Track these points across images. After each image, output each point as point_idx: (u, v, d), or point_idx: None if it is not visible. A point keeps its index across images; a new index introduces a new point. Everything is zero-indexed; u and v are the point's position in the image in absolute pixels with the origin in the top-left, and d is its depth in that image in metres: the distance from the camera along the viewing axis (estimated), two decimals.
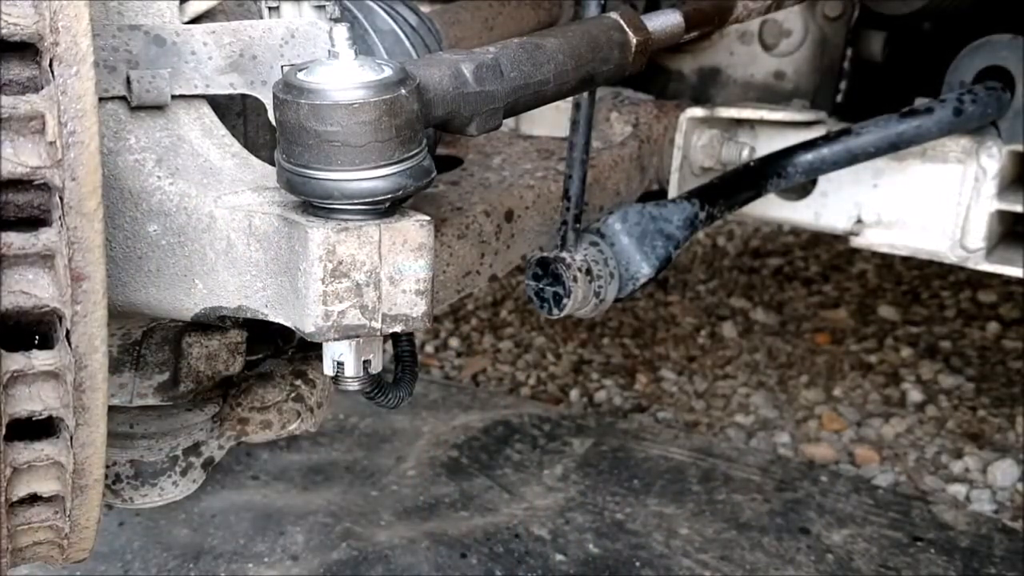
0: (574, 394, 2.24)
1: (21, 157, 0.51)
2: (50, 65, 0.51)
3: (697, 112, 1.36)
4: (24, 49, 0.52)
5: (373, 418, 2.05)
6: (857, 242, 1.44)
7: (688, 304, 2.64)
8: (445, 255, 1.08)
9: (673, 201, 1.14)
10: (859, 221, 1.44)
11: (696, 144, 1.36)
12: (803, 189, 1.44)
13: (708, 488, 1.82)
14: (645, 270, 1.09)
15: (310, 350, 1.00)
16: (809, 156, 1.26)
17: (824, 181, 1.42)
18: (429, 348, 2.48)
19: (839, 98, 1.57)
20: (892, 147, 1.27)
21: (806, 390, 2.22)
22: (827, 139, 1.27)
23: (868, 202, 1.43)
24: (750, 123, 1.42)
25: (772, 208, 1.45)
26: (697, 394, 2.23)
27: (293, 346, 1.00)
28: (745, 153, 1.36)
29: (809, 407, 2.15)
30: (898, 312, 2.56)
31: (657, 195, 1.38)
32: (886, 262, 2.83)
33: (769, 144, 1.37)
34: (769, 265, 2.89)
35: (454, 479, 1.84)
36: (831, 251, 2.95)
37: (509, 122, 1.60)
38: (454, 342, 2.50)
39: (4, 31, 0.51)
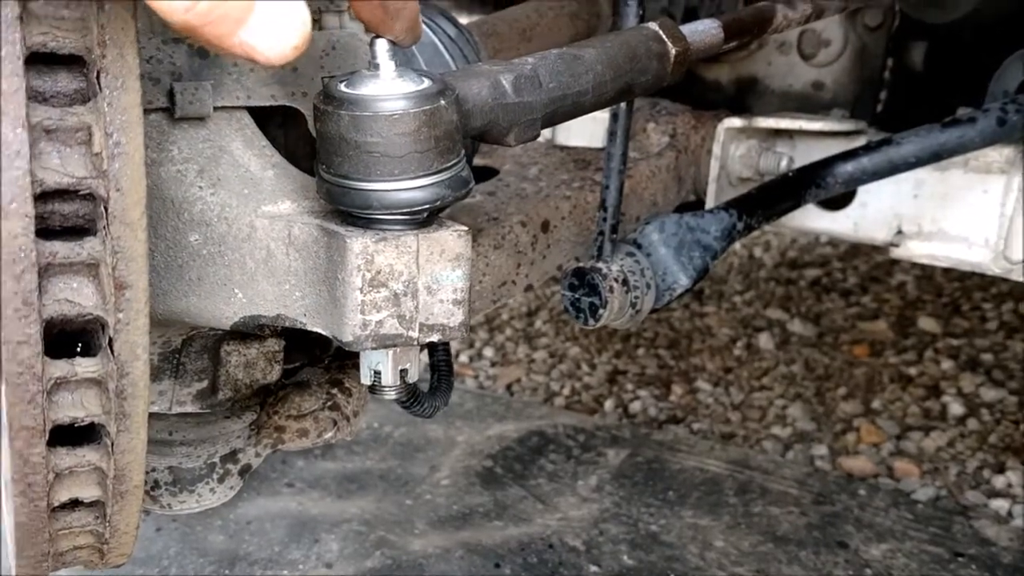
0: (609, 405, 2.23)
1: (67, 168, 0.52)
2: (97, 78, 0.52)
3: (735, 122, 1.35)
4: (72, 62, 0.53)
5: (407, 427, 2.05)
6: (897, 253, 1.42)
7: (724, 315, 2.62)
8: (481, 265, 1.08)
9: (711, 211, 1.14)
10: (899, 232, 1.42)
11: (734, 154, 1.35)
12: (842, 199, 1.42)
13: (744, 500, 1.81)
14: (682, 280, 1.09)
15: (346, 359, 1.00)
16: (849, 166, 1.24)
17: (864, 191, 1.40)
18: (463, 358, 2.48)
19: (879, 108, 1.55)
20: (934, 157, 1.26)
21: (844, 402, 2.19)
22: (867, 149, 1.25)
23: (909, 213, 1.41)
24: (789, 133, 1.40)
25: (811, 219, 1.44)
26: (733, 406, 2.21)
27: (329, 355, 1.01)
28: (784, 163, 1.35)
29: (847, 420, 2.13)
30: (938, 324, 2.52)
31: (694, 205, 1.37)
32: (926, 273, 2.79)
33: (808, 154, 1.36)
34: (806, 276, 2.86)
35: (488, 489, 1.84)
36: (869, 262, 2.92)
37: (545, 132, 1.60)
38: (488, 352, 2.50)
39: (53, 44, 0.52)
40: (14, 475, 0.60)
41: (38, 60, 0.52)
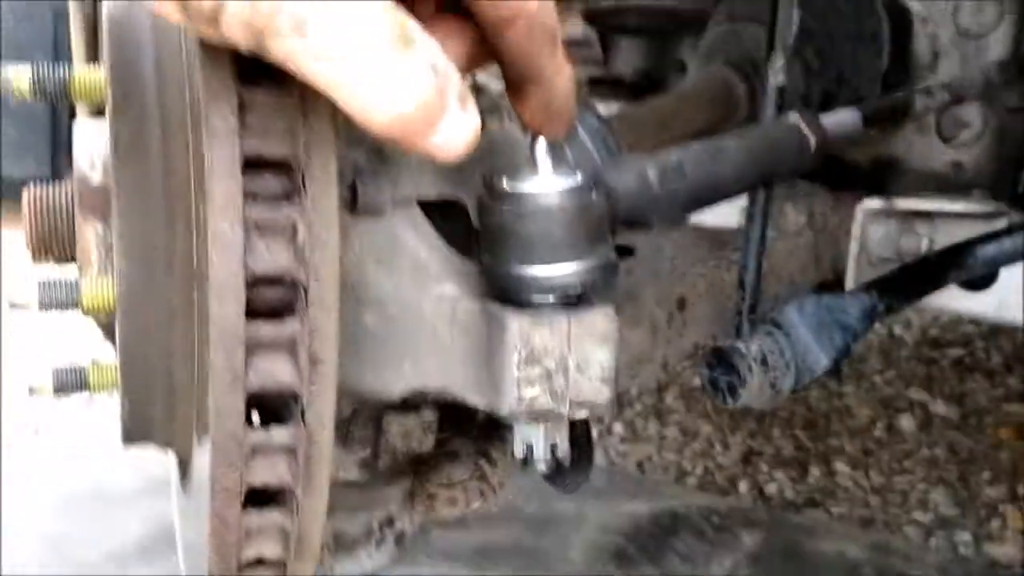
0: (743, 486, 2.20)
1: (274, 258, 0.60)
2: (302, 179, 0.60)
3: (874, 203, 1.36)
4: (280, 165, 0.60)
5: (539, 502, 2.08)
6: None
7: (863, 395, 2.57)
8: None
9: (851, 292, 1.15)
10: None
11: (873, 235, 1.36)
12: (985, 280, 1.40)
13: None
14: (823, 361, 1.10)
15: (493, 431, 1.05)
16: (991, 248, 1.23)
17: (1007, 273, 1.38)
18: (592, 433, 2.50)
19: (1021, 189, 1.53)
20: None
21: (989, 487, 2.11)
22: (1009, 231, 1.24)
23: None
24: (929, 214, 1.40)
25: (953, 299, 1.42)
26: (873, 489, 2.15)
27: (476, 427, 1.06)
28: (924, 244, 1.34)
29: (993, 505, 2.05)
30: None
31: (833, 285, 1.37)
32: None
33: (948, 235, 1.35)
34: (949, 355, 2.78)
35: (621, 567, 1.84)
36: (1014, 342, 2.81)
37: None
38: (618, 427, 2.51)
39: (265, 151, 0.60)
40: (211, 533, 0.67)
41: (251, 164, 0.60)
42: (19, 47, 1.52)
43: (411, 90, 0.54)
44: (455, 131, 0.57)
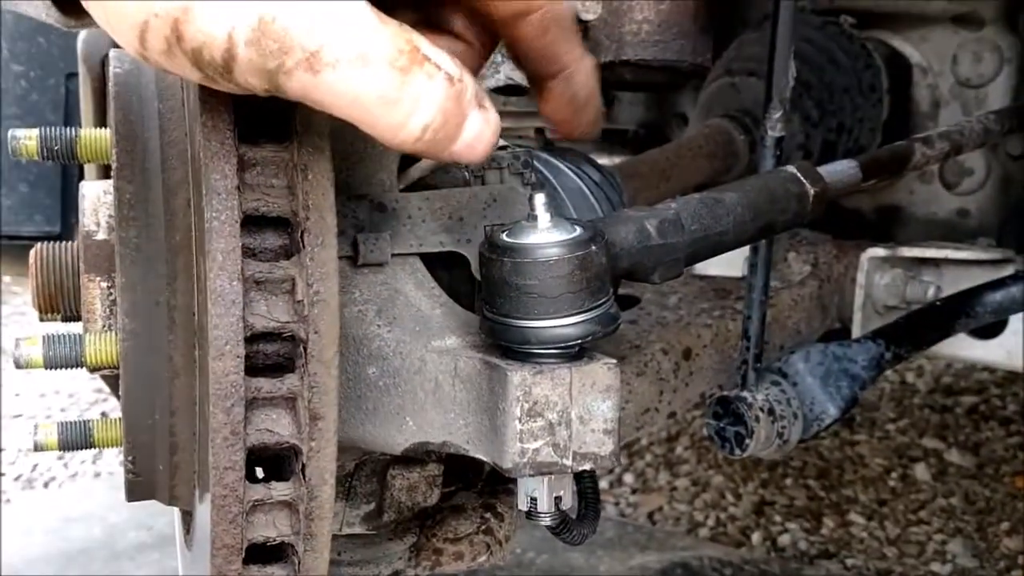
0: (756, 537, 2.18)
1: (273, 313, 0.60)
2: (300, 236, 0.60)
3: (879, 251, 1.37)
4: (279, 223, 0.61)
5: (549, 555, 2.06)
6: None
7: (877, 444, 2.54)
8: (624, 392, 1.12)
9: (858, 341, 1.15)
10: None
11: (879, 283, 1.36)
12: (994, 328, 1.40)
13: None
14: (831, 411, 1.09)
15: (499, 484, 1.05)
16: (998, 296, 1.23)
17: (1016, 320, 1.38)
18: (603, 484, 2.48)
19: None
20: None
21: (1008, 538, 2.08)
22: (1016, 278, 1.24)
23: None
24: (934, 261, 1.40)
25: (962, 347, 1.42)
26: (889, 540, 2.12)
27: (482, 480, 1.05)
28: (931, 292, 1.34)
29: (1011, 556, 2.01)
30: None
31: (839, 334, 1.37)
32: None
33: (955, 283, 1.35)
34: (963, 403, 2.75)
35: None
36: None
37: None
38: (628, 478, 2.49)
39: (264, 209, 0.61)
40: None
41: (250, 222, 0.61)
42: (31, 110, 1.57)
43: (430, 103, 0.54)
44: (478, 132, 0.57)
